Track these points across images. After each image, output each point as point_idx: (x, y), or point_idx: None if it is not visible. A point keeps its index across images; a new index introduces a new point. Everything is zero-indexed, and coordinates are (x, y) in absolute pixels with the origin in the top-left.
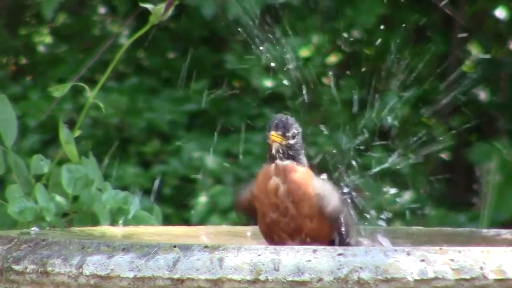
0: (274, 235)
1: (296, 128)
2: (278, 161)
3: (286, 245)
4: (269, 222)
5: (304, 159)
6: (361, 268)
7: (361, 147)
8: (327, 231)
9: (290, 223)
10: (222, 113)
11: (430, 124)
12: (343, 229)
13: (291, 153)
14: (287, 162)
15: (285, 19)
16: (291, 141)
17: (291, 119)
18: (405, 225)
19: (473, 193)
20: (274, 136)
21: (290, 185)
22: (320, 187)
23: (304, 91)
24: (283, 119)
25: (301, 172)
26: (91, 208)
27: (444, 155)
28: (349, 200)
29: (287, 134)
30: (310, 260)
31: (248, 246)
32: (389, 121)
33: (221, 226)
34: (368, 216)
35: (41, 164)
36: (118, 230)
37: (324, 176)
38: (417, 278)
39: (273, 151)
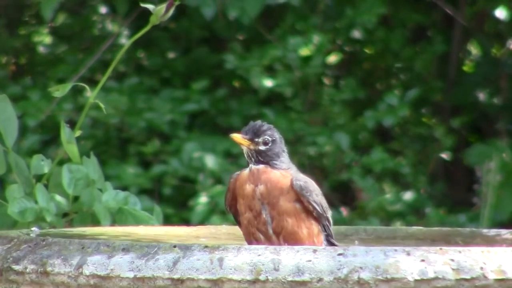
0: (251, 236)
1: (270, 136)
2: (252, 165)
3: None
4: (247, 223)
5: (282, 165)
6: (361, 268)
7: (362, 147)
8: (306, 234)
9: (267, 224)
10: (222, 113)
11: (431, 124)
12: (329, 227)
13: (261, 159)
14: (261, 166)
15: (286, 19)
16: (261, 147)
17: (266, 126)
18: (406, 225)
19: (474, 193)
20: (236, 137)
21: (264, 186)
22: (300, 181)
23: (305, 91)
24: (256, 125)
25: (274, 173)
26: (91, 208)
27: (444, 155)
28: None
29: (256, 140)
30: (310, 260)
31: (248, 246)
32: (389, 121)
33: (221, 226)
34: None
35: (42, 164)
36: (118, 231)
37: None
38: (417, 278)
39: (245, 155)
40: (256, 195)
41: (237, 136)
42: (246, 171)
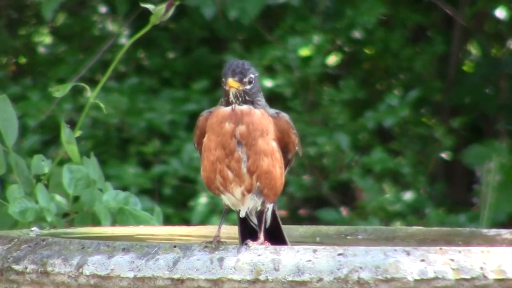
0: (217, 173)
1: (252, 73)
2: (235, 106)
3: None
4: (214, 160)
5: (262, 101)
6: (361, 268)
7: (362, 147)
8: (279, 173)
9: (241, 162)
10: None
11: (431, 124)
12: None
13: (248, 98)
14: (245, 107)
15: (286, 19)
16: (248, 87)
17: (247, 64)
18: (406, 225)
19: (473, 193)
20: (232, 83)
21: (246, 127)
22: (286, 117)
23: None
24: (239, 64)
25: (257, 115)
26: (92, 208)
27: (444, 155)
28: None
29: (244, 80)
30: (310, 260)
31: (248, 246)
32: (389, 122)
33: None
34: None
35: (42, 164)
36: (118, 231)
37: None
38: (417, 278)
39: (231, 98)
40: (236, 135)
41: (234, 83)
42: (225, 109)
